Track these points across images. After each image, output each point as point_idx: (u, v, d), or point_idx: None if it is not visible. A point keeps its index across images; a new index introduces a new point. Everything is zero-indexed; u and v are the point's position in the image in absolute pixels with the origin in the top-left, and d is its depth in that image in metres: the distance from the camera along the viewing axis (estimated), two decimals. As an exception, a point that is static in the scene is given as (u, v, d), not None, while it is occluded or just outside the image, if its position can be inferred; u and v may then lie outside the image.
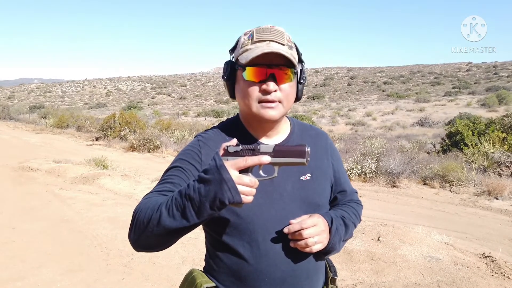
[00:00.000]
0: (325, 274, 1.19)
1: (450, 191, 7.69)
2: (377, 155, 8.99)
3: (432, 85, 63.90)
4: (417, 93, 49.15)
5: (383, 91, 62.77)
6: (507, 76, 64.27)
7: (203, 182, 0.83)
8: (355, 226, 1.18)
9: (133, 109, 33.46)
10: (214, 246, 1.11)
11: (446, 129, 13.32)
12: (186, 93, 78.39)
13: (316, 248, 1.01)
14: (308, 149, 0.81)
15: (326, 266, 1.20)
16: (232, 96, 1.12)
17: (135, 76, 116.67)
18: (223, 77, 1.11)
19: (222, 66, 1.10)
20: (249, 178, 0.83)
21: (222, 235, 1.06)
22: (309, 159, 0.82)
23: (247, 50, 1.02)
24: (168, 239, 0.94)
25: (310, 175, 1.11)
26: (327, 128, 22.73)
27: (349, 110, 37.54)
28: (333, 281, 1.18)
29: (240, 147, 0.84)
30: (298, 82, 1.11)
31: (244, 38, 1.06)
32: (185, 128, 17.14)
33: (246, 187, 0.83)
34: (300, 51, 1.11)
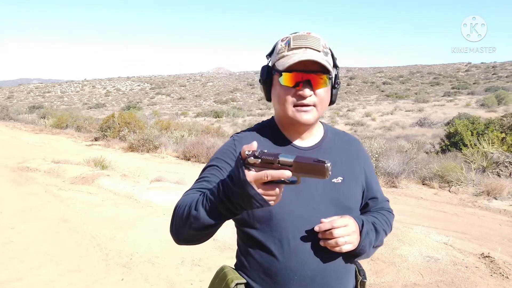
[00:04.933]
0: (354, 278, 1.19)
1: (449, 191, 7.69)
2: (376, 155, 9.00)
3: (431, 85, 63.98)
4: (416, 94, 49.23)
5: (382, 91, 62.81)
6: (506, 77, 64.36)
7: (232, 193, 0.87)
8: (386, 234, 1.19)
9: (132, 109, 33.41)
10: (246, 243, 1.13)
11: (445, 130, 13.34)
12: (185, 93, 78.33)
13: (346, 248, 1.03)
14: (329, 165, 0.82)
15: (355, 270, 1.20)
16: (268, 99, 1.17)
17: (134, 76, 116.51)
18: (259, 80, 1.16)
19: (221, 66, 1.14)
20: (274, 190, 0.85)
21: (254, 231, 1.09)
22: (330, 173, 0.83)
23: (284, 56, 1.07)
24: (204, 233, 0.99)
25: (341, 178, 1.13)
26: (326, 128, 22.69)
27: (348, 110, 37.57)
28: (363, 284, 1.19)
29: (259, 160, 0.84)
30: (333, 87, 1.14)
31: (281, 44, 1.10)
32: (184, 128, 17.13)
33: (272, 196, 0.86)
34: (335, 56, 1.14)
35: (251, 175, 0.83)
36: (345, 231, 1.02)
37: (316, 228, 1.03)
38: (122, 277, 3.53)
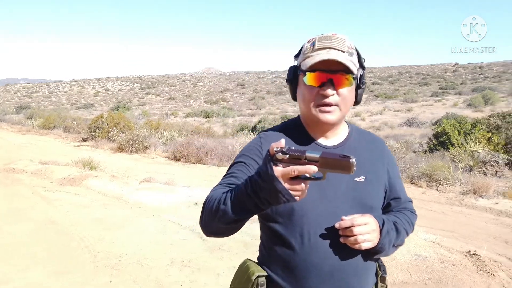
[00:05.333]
0: (375, 275, 1.22)
1: (437, 190, 7.79)
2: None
3: (419, 85, 64.67)
4: (405, 94, 49.75)
5: (372, 91, 63.32)
6: (493, 77, 65.38)
7: (260, 188, 0.89)
8: (407, 234, 1.21)
9: (121, 109, 33.14)
10: (269, 237, 1.17)
11: (433, 129, 13.50)
12: (175, 94, 77.89)
13: (365, 246, 1.06)
14: (354, 160, 0.85)
15: (376, 266, 1.23)
16: (294, 98, 1.20)
17: (123, 76, 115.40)
18: (287, 80, 1.19)
19: (211, 66, 1.17)
20: (299, 185, 0.87)
21: (276, 226, 1.13)
22: (355, 169, 0.86)
23: (308, 57, 1.10)
24: (232, 227, 1.01)
25: (364, 177, 1.15)
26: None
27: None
28: (383, 279, 1.21)
29: (287, 155, 0.87)
30: (358, 87, 1.16)
31: (307, 46, 1.14)
32: (174, 128, 17.04)
33: (298, 191, 0.88)
34: (362, 57, 1.16)
35: (278, 170, 0.85)
36: (365, 229, 1.05)
37: (337, 225, 1.06)
38: (110, 279, 3.50)
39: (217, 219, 0.99)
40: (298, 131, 1.20)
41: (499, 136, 10.03)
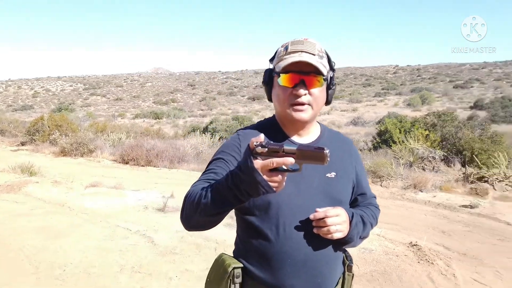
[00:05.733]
0: (342, 264, 1.31)
1: (381, 185, 8.21)
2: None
3: (363, 86, 67.59)
4: (350, 94, 51.75)
5: (320, 92, 64.96)
6: (429, 78, 69.98)
7: (241, 180, 0.94)
8: (372, 227, 1.32)
9: (64, 111, 31.40)
10: (245, 230, 1.23)
11: (376, 128, 14.21)
12: (122, 94, 75.10)
13: (337, 236, 1.15)
14: (327, 152, 0.91)
15: (344, 256, 1.32)
16: (270, 99, 1.28)
17: (65, 76, 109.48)
18: (263, 82, 1.28)
19: (160, 66, 1.17)
20: (277, 176, 0.94)
21: (253, 218, 1.19)
22: (328, 159, 0.92)
23: (282, 59, 1.18)
24: (213, 220, 1.07)
25: (335, 173, 1.24)
26: (267, 128, 23.00)
27: (288, 110, 38.37)
28: (350, 268, 1.31)
29: (266, 148, 0.93)
30: (328, 88, 1.25)
31: (280, 49, 1.22)
32: (121, 130, 16.44)
33: (276, 183, 0.95)
34: (332, 60, 1.25)
35: (258, 163, 0.92)
36: (336, 220, 1.14)
37: (311, 216, 1.14)
38: (54, 290, 3.31)
39: (199, 213, 1.04)
40: (274, 129, 1.27)
41: (435, 134, 10.77)
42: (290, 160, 0.91)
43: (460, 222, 5.67)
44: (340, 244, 1.22)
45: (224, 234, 4.54)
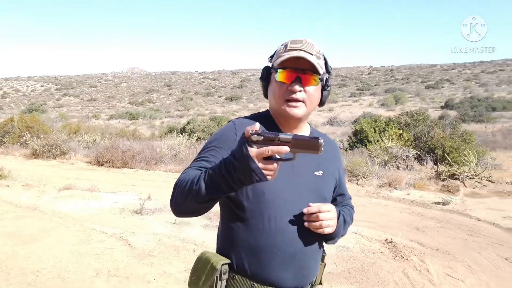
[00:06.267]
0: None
1: (357, 184, 8.36)
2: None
3: (339, 86, 68.60)
4: (326, 94, 52.27)
5: (297, 92, 65.50)
6: (402, 79, 71.74)
7: (234, 168, 0.96)
8: (349, 226, 1.36)
9: (35, 112, 30.51)
10: (233, 223, 1.22)
11: (352, 128, 14.44)
12: (96, 95, 73.41)
13: (327, 231, 1.19)
14: (322, 141, 0.94)
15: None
16: (266, 95, 1.31)
17: (36, 76, 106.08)
18: (260, 78, 1.30)
19: (136, 66, 1.16)
20: (272, 165, 0.95)
21: (243, 210, 1.19)
22: (322, 149, 0.95)
23: (281, 56, 1.21)
24: (204, 206, 1.07)
25: (322, 172, 1.28)
26: (245, 128, 22.99)
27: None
28: (323, 258, 1.35)
29: (262, 137, 0.94)
30: (323, 89, 1.28)
31: (280, 47, 1.25)
32: (96, 131, 16.08)
33: (270, 171, 0.96)
34: (329, 64, 1.28)
35: (253, 151, 0.93)
36: (328, 216, 1.18)
37: (305, 210, 1.17)
38: (27, 297, 3.21)
39: (190, 198, 1.05)
40: (269, 123, 1.28)
41: (408, 133, 11.06)
42: (285, 148, 0.93)
43: (433, 219, 5.84)
44: (326, 239, 1.27)
45: (202, 236, 4.51)
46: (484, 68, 75.19)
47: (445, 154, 9.51)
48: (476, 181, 8.19)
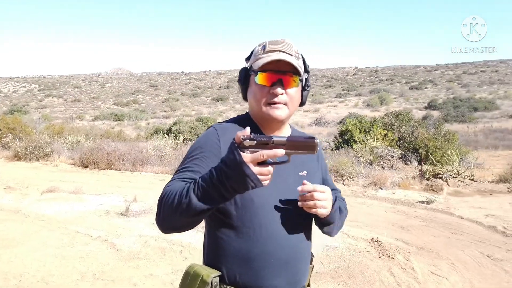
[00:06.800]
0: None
1: (343, 184, 8.43)
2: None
3: (325, 87, 69.11)
4: (312, 95, 52.74)
5: (283, 93, 65.73)
6: (386, 80, 72.72)
7: (227, 176, 0.92)
8: (345, 218, 1.33)
9: (17, 113, 29.86)
10: (222, 232, 1.17)
11: (338, 128, 14.57)
12: (80, 95, 72.28)
13: (321, 211, 1.15)
14: (318, 141, 0.92)
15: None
16: (245, 98, 1.27)
17: (18, 77, 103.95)
18: (238, 81, 1.26)
19: (121, 66, 1.12)
20: (267, 169, 0.92)
21: (232, 219, 1.15)
22: (318, 148, 0.93)
23: (260, 58, 1.17)
24: (194, 220, 1.02)
25: (306, 172, 1.26)
26: (231, 129, 22.96)
27: (252, 111, 38.58)
28: (311, 260, 1.31)
29: (255, 141, 0.90)
30: (303, 89, 1.26)
31: (258, 48, 1.22)
32: (80, 133, 15.84)
33: (265, 176, 0.94)
34: (307, 63, 1.26)
35: (247, 156, 0.90)
36: (323, 196, 1.15)
37: (299, 188, 1.14)
38: (9, 302, 3.14)
39: (179, 213, 0.99)
40: (249, 125, 1.18)
41: (393, 133, 11.21)
42: (281, 151, 0.90)
43: (418, 218, 5.93)
44: (322, 225, 1.23)
45: (189, 237, 4.48)
46: (466, 69, 76.79)
47: (428, 153, 9.67)
48: (459, 180, 8.36)
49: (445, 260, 4.16)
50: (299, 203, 1.16)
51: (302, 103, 1.28)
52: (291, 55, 1.17)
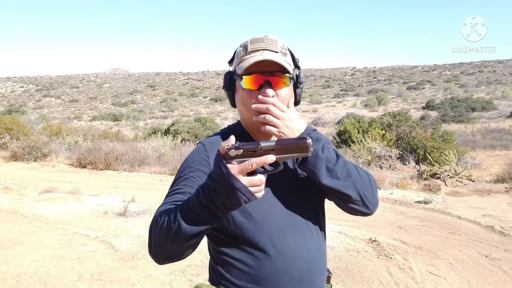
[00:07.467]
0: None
1: (342, 184, 8.44)
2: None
3: (323, 88, 69.17)
4: (310, 95, 52.75)
5: (281, 93, 65.73)
6: (384, 80, 72.86)
7: (216, 192, 0.83)
8: (358, 171, 1.09)
9: (14, 113, 29.82)
10: (226, 253, 1.07)
11: (336, 128, 14.59)
12: (78, 96, 72.13)
13: (270, 129, 1.01)
14: (310, 141, 0.85)
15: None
16: (233, 105, 1.15)
17: (16, 77, 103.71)
18: (223, 87, 1.13)
19: (118, 66, 1.08)
20: (258, 179, 0.83)
21: (236, 239, 1.05)
22: (312, 149, 0.85)
23: (243, 60, 1.06)
24: (188, 245, 0.93)
25: (305, 173, 1.11)
26: (229, 129, 22.97)
27: (250, 111, 38.63)
28: (328, 279, 1.19)
29: (241, 150, 0.82)
30: (296, 87, 1.12)
31: (239, 49, 1.10)
32: (78, 133, 15.83)
33: (257, 187, 0.84)
34: (296, 57, 1.13)
35: (234, 168, 0.81)
36: (281, 114, 1.01)
37: (253, 106, 1.02)
38: (7, 303, 3.13)
39: (171, 241, 0.90)
40: (241, 136, 1.11)
41: (391, 133, 11.23)
42: (271, 157, 0.82)
43: (416, 217, 5.95)
44: (307, 169, 1.01)
45: (187, 237, 4.47)
46: (464, 70, 77.03)
47: (426, 153, 9.69)
48: (456, 180, 8.38)
49: (443, 260, 4.17)
50: (254, 118, 1.04)
51: (296, 102, 1.15)
52: (277, 52, 1.06)
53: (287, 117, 1.02)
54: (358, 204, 1.09)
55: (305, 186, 1.11)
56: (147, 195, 6.70)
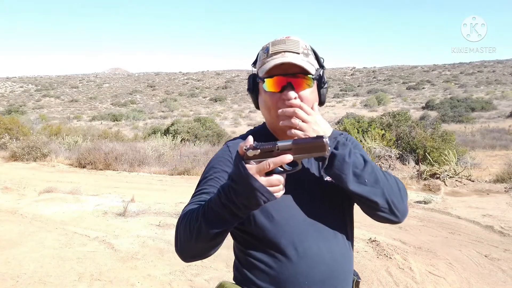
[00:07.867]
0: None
1: (341, 184, 8.44)
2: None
3: (323, 87, 69.20)
4: (310, 95, 52.74)
5: (281, 93, 65.79)
6: (384, 80, 72.94)
7: (236, 192, 0.85)
8: (387, 180, 1.05)
9: (14, 113, 29.82)
10: (249, 254, 1.08)
11: (336, 128, 14.56)
12: (78, 96, 72.20)
13: (295, 132, 1.00)
14: (327, 140, 0.84)
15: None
16: (257, 107, 1.16)
17: (15, 77, 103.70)
18: (248, 90, 1.15)
19: (118, 66, 1.09)
20: (276, 178, 0.84)
21: (258, 240, 1.05)
22: (329, 148, 0.85)
23: (264, 63, 1.06)
24: (212, 244, 0.95)
25: (331, 177, 1.08)
26: (229, 129, 23.06)
27: (250, 111, 38.70)
28: (357, 284, 1.17)
29: (259, 150, 0.84)
30: (320, 87, 1.12)
31: (261, 52, 1.10)
32: (78, 133, 15.82)
33: (276, 186, 0.85)
34: (321, 57, 1.13)
35: (252, 168, 0.82)
36: (307, 117, 1.01)
37: (280, 111, 1.02)
38: (7, 304, 3.13)
39: (195, 239, 0.92)
40: (266, 138, 1.12)
41: (390, 133, 11.24)
42: (288, 157, 0.83)
43: (415, 217, 5.95)
44: (328, 167, 0.98)
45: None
46: (463, 70, 77.08)
47: (426, 153, 9.70)
48: (456, 180, 8.38)
49: (443, 259, 4.17)
50: (280, 123, 1.02)
51: (321, 102, 1.14)
52: (298, 53, 1.05)
53: (313, 121, 1.02)
54: (385, 212, 1.07)
55: (331, 192, 1.09)
56: (147, 195, 6.70)
